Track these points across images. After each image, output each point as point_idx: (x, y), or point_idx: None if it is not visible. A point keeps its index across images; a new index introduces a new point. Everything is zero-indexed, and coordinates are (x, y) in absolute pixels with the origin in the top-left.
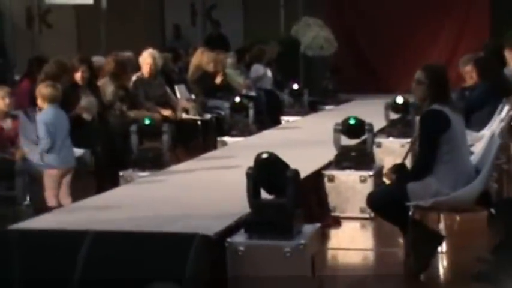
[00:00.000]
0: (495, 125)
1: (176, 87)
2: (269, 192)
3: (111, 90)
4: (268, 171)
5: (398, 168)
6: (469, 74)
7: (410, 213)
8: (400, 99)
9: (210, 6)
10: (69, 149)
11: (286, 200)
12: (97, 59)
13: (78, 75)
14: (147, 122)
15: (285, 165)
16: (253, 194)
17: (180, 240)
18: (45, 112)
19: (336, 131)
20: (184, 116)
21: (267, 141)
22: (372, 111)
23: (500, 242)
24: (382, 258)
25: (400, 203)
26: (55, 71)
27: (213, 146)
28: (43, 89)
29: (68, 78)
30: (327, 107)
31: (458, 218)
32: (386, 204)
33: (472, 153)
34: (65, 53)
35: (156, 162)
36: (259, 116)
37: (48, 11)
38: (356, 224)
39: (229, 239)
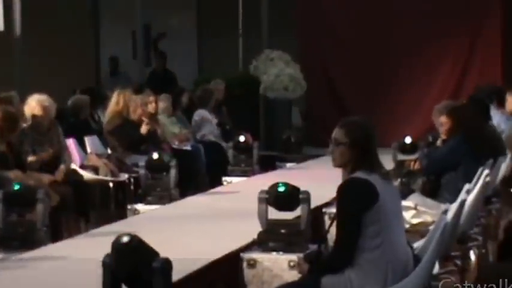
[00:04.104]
0: (461, 196)
1: (86, 139)
2: None
3: None
4: (130, 261)
5: (313, 257)
6: (445, 126)
7: None
8: None
9: (158, 35)
10: None
11: None
12: None
13: None
14: (16, 187)
15: (153, 253)
16: None
17: None
18: None
19: (261, 200)
20: (91, 176)
21: (186, 210)
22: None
23: None
24: None
25: None
26: None
27: (124, 214)
28: None
29: None
30: (288, 165)
31: None
32: None
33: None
34: None
35: (26, 241)
36: (197, 177)
37: None
38: None
39: None
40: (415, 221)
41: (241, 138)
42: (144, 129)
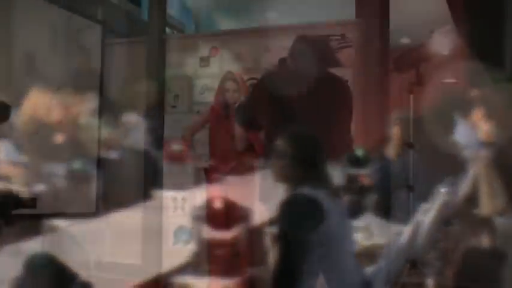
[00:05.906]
0: (416, 216)
1: None
2: None
3: None
4: (44, 283)
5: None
6: (400, 137)
7: None
8: None
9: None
10: None
11: None
12: None
13: None
14: None
15: (72, 274)
16: None
17: None
18: None
19: (195, 218)
20: (1, 186)
21: (111, 226)
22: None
23: None
24: None
25: None
26: None
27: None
28: None
29: None
30: (227, 177)
31: None
32: None
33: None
34: None
35: None
36: (124, 188)
37: None
38: None
39: None
40: (366, 243)
41: (176, 146)
42: (59, 138)
